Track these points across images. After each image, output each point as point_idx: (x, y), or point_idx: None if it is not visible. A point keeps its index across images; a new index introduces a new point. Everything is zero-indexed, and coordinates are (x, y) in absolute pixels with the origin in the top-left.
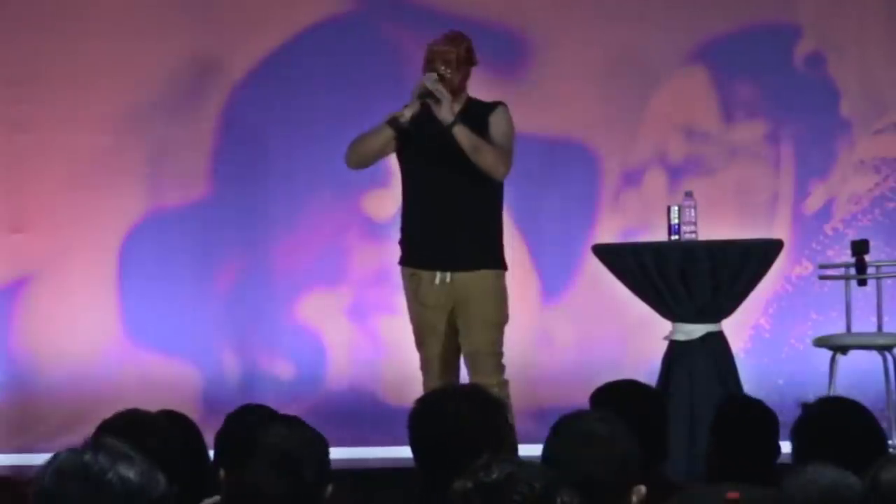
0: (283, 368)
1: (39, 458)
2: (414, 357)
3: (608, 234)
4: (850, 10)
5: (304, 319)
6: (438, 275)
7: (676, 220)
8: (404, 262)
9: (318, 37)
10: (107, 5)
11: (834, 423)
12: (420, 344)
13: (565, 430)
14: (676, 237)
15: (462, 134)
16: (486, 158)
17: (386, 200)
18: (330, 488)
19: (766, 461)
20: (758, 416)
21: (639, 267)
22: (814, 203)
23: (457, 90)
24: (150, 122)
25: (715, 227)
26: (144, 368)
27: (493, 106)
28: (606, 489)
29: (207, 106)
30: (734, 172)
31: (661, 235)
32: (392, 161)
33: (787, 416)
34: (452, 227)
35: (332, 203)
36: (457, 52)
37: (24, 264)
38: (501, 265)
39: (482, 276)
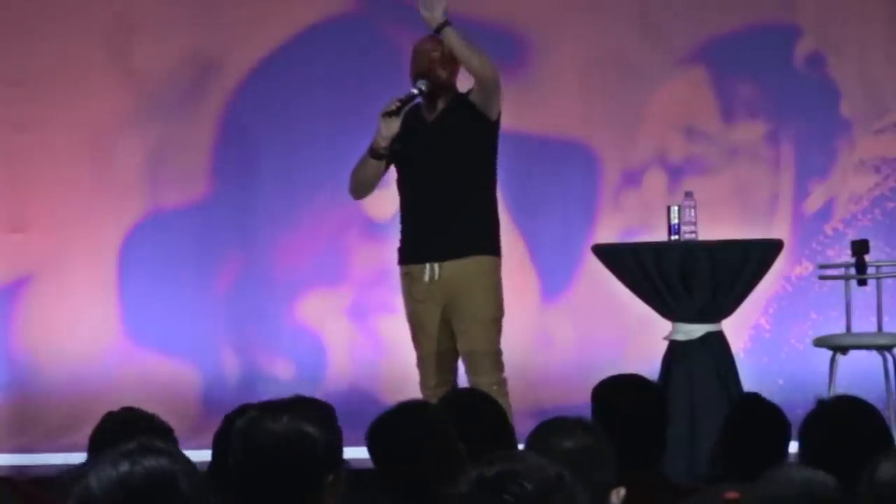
0: (283, 368)
1: (39, 458)
2: (414, 357)
3: (608, 234)
4: (850, 10)
5: (304, 319)
6: (428, 267)
7: (676, 220)
8: (401, 260)
9: (317, 37)
10: (106, 5)
11: (845, 420)
12: (415, 342)
13: (537, 446)
14: (676, 237)
15: (451, 36)
16: (476, 59)
17: (386, 200)
18: (331, 477)
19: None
20: (773, 420)
21: (639, 267)
22: (814, 203)
23: (444, 87)
24: (149, 122)
25: (715, 227)
26: (144, 368)
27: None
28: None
29: (207, 106)
30: (734, 172)
31: (661, 235)
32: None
33: (788, 416)
34: (441, 218)
35: (332, 203)
36: (441, 50)
37: (24, 264)
38: (494, 251)
39: (473, 263)
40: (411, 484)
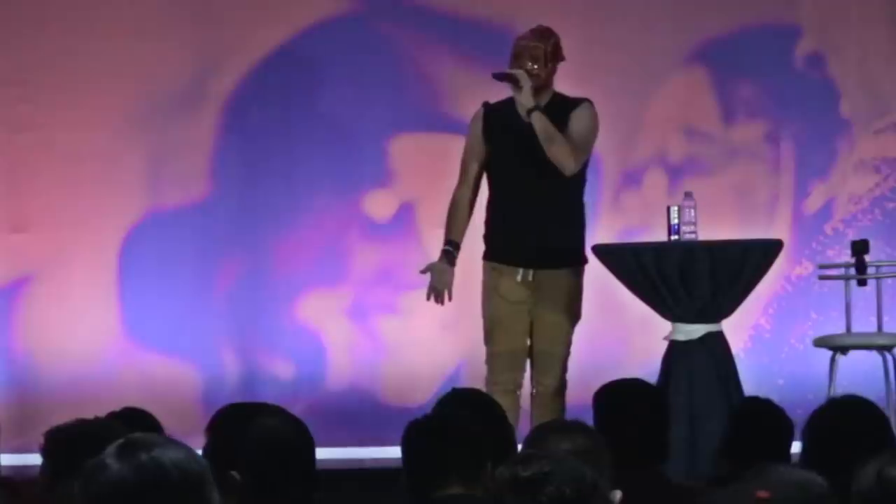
0: (283, 368)
1: (39, 459)
2: (414, 357)
3: (608, 234)
4: (850, 10)
5: (304, 319)
6: (521, 271)
7: (676, 220)
8: (488, 256)
9: (317, 37)
10: (107, 5)
11: (848, 420)
12: (489, 338)
13: (535, 447)
14: (676, 237)
15: (539, 121)
16: (556, 150)
17: (386, 200)
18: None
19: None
20: (776, 422)
21: (639, 267)
22: (814, 203)
23: (544, 85)
24: (150, 122)
25: (715, 227)
26: (144, 368)
27: (578, 102)
28: None
29: (207, 106)
30: (734, 172)
31: (661, 235)
32: (391, 160)
33: (788, 416)
34: (537, 225)
35: (332, 203)
36: (545, 47)
37: (24, 264)
38: (583, 261)
39: (567, 274)
40: (434, 487)
